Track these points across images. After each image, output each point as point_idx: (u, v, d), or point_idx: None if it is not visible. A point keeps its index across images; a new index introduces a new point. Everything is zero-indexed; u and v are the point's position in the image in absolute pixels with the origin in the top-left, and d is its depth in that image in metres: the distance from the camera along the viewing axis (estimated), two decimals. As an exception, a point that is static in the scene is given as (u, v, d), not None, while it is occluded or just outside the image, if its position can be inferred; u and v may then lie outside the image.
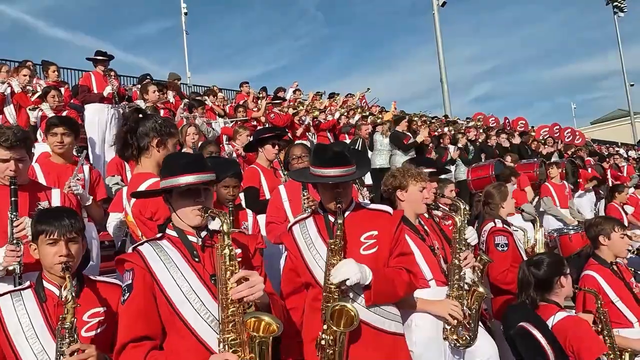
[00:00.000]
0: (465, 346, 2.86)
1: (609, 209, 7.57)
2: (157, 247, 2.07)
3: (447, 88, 20.03)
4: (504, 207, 4.12)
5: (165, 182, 2.10)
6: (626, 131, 35.36)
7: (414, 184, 3.06)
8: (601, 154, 15.09)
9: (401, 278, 2.43)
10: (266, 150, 4.62)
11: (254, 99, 11.03)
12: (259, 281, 1.92)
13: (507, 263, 3.74)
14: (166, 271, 1.99)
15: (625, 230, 3.69)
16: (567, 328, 2.77)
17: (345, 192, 2.48)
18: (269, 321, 1.85)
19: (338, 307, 2.22)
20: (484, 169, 8.37)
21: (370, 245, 2.45)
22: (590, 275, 3.49)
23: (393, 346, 2.42)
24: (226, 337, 1.85)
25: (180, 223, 2.11)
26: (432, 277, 2.93)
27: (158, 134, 2.68)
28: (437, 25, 19.86)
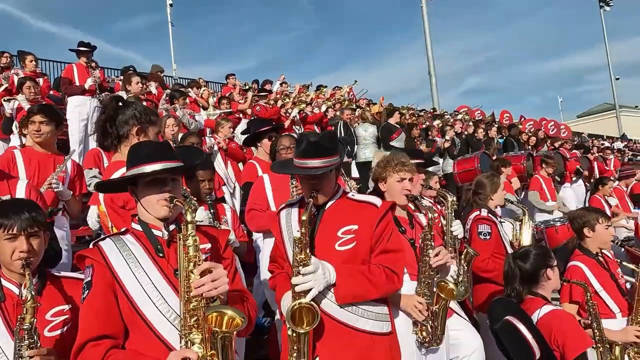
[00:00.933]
0: (427, 346, 2.71)
1: (592, 200, 7.58)
2: (119, 242, 1.95)
3: (436, 81, 20.06)
4: (494, 199, 4.06)
5: (130, 172, 1.98)
6: (612, 124, 35.77)
7: (391, 175, 2.98)
8: (587, 147, 15.18)
9: (376, 277, 2.26)
10: (264, 145, 4.54)
11: (240, 91, 10.89)
12: (222, 274, 1.81)
13: (488, 252, 3.69)
14: (127, 267, 1.87)
15: (610, 222, 3.66)
16: (551, 322, 2.72)
17: (320, 184, 2.34)
18: (232, 315, 1.75)
19: (297, 306, 2.11)
20: (469, 161, 8.35)
21: (347, 241, 2.30)
22: (576, 266, 3.45)
23: (369, 346, 2.27)
24: (187, 333, 1.75)
25: (146, 215, 1.98)
26: (406, 270, 2.84)
27: (138, 121, 2.59)
28: (425, 18, 19.84)
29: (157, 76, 9.08)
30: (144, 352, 1.80)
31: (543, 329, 2.73)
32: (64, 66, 12.46)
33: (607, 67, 35.03)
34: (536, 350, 2.57)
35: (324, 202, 2.39)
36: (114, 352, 1.78)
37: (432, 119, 12.93)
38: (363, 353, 2.26)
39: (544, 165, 8.02)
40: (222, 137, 6.67)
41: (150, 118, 2.63)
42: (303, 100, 10.69)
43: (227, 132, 6.80)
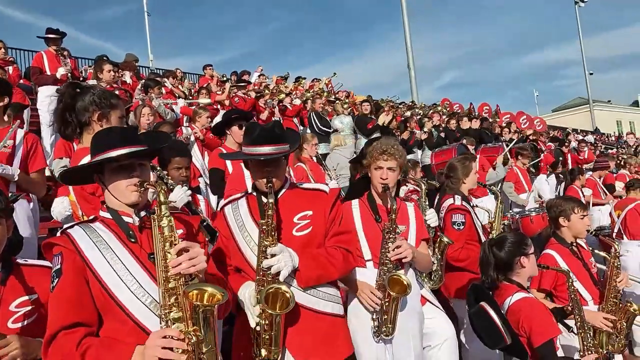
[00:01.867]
0: (380, 334, 2.67)
1: (569, 190, 7.75)
2: (88, 229, 1.90)
3: (414, 74, 20.09)
4: (466, 182, 4.05)
5: (95, 159, 1.92)
6: (585, 118, 36.58)
7: (371, 162, 2.96)
8: (561, 139, 15.50)
9: (334, 258, 2.34)
10: (233, 132, 4.48)
11: (218, 82, 10.75)
12: (200, 252, 1.79)
13: (461, 241, 3.70)
14: (98, 253, 1.83)
15: (586, 212, 3.71)
16: (521, 309, 2.76)
17: (276, 171, 2.36)
18: (212, 292, 1.73)
19: (272, 289, 2.11)
20: (446, 152, 8.41)
21: (304, 226, 2.36)
22: (549, 254, 3.50)
23: (331, 327, 2.35)
24: (167, 313, 1.73)
25: (114, 202, 1.93)
26: (371, 257, 2.83)
27: (98, 107, 2.49)
28: (404, 11, 19.83)
29: (131, 65, 8.86)
30: (120, 338, 1.77)
31: (513, 315, 2.77)
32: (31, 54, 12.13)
33: (581, 62, 35.76)
34: (507, 336, 2.60)
35: (276, 191, 2.39)
36: (89, 339, 1.73)
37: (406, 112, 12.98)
38: (326, 336, 2.32)
39: (519, 157, 8.16)
40: (200, 127, 6.56)
41: (110, 102, 2.53)
42: (282, 91, 10.61)
43: (205, 121, 6.68)
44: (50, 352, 1.71)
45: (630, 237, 5.96)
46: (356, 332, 2.70)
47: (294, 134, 2.60)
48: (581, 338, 2.95)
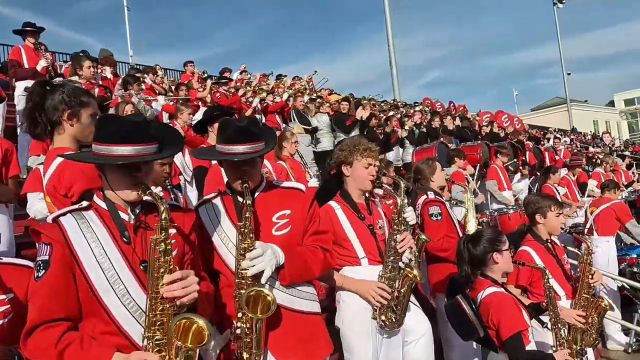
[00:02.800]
0: (390, 328, 2.83)
1: (544, 189, 7.90)
2: (81, 219, 1.81)
3: (397, 72, 20.19)
4: (434, 180, 4.15)
5: (98, 148, 1.82)
6: (563, 117, 37.27)
7: (358, 159, 3.00)
8: (538, 138, 15.78)
9: (315, 256, 2.34)
10: (215, 130, 4.44)
11: (199, 79, 10.66)
12: (193, 281, 1.76)
13: (442, 232, 3.78)
14: (89, 251, 1.77)
15: (561, 210, 3.80)
16: (491, 303, 2.83)
17: (251, 170, 2.31)
18: (202, 325, 1.68)
19: (254, 292, 2.07)
20: (427, 150, 8.54)
21: (283, 225, 2.33)
22: (525, 250, 3.58)
23: (312, 327, 2.35)
24: (152, 335, 1.70)
25: (112, 195, 1.86)
26: (365, 255, 2.90)
27: (68, 105, 2.39)
28: (386, 8, 19.91)
29: (111, 60, 8.72)
30: (100, 337, 1.74)
31: (483, 309, 2.85)
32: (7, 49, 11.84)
33: (559, 62, 36.40)
34: (479, 329, 2.68)
35: (252, 190, 2.35)
36: (69, 336, 1.70)
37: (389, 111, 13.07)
38: (307, 335, 2.31)
39: (499, 155, 8.30)
40: (181, 124, 6.50)
41: (81, 100, 2.42)
42: (264, 89, 10.57)
43: (187, 118, 6.62)
44: (29, 344, 1.68)
45: (600, 233, 6.14)
46: (351, 329, 2.78)
47: (270, 131, 2.57)
48: (555, 334, 3.03)
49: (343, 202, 3.01)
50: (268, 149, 2.37)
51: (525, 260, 3.33)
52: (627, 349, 5.63)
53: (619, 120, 52.91)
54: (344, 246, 2.91)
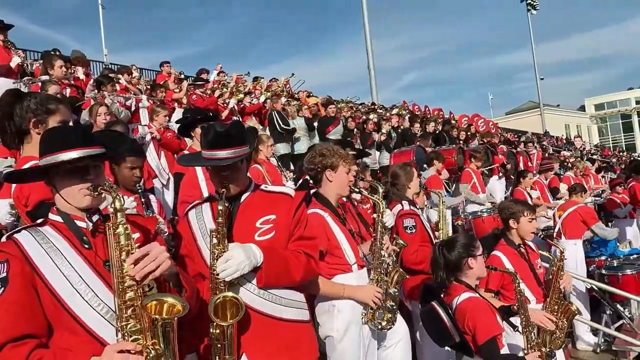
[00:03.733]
0: (389, 328, 2.90)
1: (515, 192, 8.06)
2: (37, 234, 1.80)
3: (375, 75, 20.36)
4: (411, 187, 4.19)
5: (45, 160, 1.82)
6: (537, 121, 38.13)
7: (343, 165, 3.01)
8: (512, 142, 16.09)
9: (297, 260, 2.30)
10: (197, 135, 4.41)
11: (176, 80, 10.52)
12: (161, 250, 1.74)
13: (416, 244, 3.82)
14: (49, 260, 1.74)
15: (534, 215, 3.86)
16: (466, 308, 2.87)
17: (233, 175, 2.29)
18: (172, 302, 1.67)
19: (220, 299, 2.07)
20: (405, 154, 8.60)
21: (267, 231, 2.31)
22: (496, 255, 3.63)
23: (294, 334, 2.31)
24: (124, 325, 1.67)
25: (66, 206, 1.83)
26: (355, 261, 2.93)
27: (34, 113, 2.39)
28: (364, 12, 20.05)
29: (84, 60, 8.52)
30: (71, 349, 1.69)
31: (459, 314, 2.87)
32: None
33: (533, 67, 37.26)
34: (455, 335, 2.70)
35: (238, 195, 2.35)
36: (39, 352, 1.64)
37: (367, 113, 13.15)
38: (289, 342, 2.28)
39: (473, 159, 8.43)
40: (157, 126, 6.39)
41: (47, 108, 2.43)
42: (241, 90, 10.50)
43: (162, 120, 6.51)
44: None
45: (568, 237, 6.29)
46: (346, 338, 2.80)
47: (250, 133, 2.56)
48: (525, 337, 3.09)
49: (327, 209, 2.99)
50: (247, 153, 2.37)
51: (496, 265, 3.38)
52: (596, 349, 5.79)
53: (590, 125, 54.48)
54: (336, 254, 2.90)
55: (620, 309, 5.89)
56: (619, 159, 27.09)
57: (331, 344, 2.86)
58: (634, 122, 53.63)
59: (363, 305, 2.86)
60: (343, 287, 2.84)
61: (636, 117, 53.63)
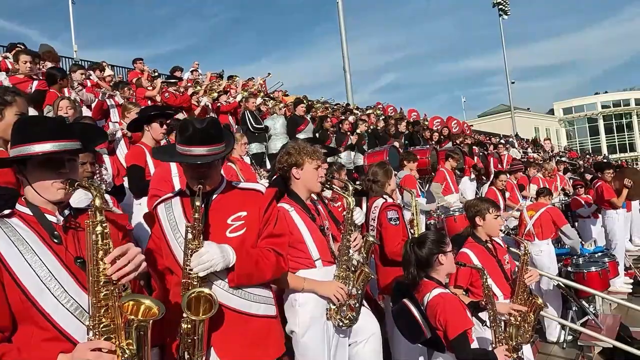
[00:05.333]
0: (349, 325, 2.90)
1: (489, 192, 8.23)
2: (5, 226, 1.74)
3: (350, 77, 20.48)
4: (390, 184, 4.25)
5: (17, 150, 1.76)
6: (507, 124, 38.99)
7: (309, 162, 3.01)
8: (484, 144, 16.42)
9: (268, 259, 2.32)
10: (153, 129, 4.31)
11: (149, 77, 10.35)
12: (137, 251, 1.72)
13: (399, 236, 3.86)
14: (19, 255, 1.69)
15: (499, 212, 3.95)
16: (437, 304, 2.91)
17: (209, 172, 2.29)
18: (149, 304, 1.65)
19: (194, 294, 2.07)
20: (378, 154, 8.68)
21: (238, 227, 2.32)
22: (464, 252, 3.69)
23: (262, 329, 2.33)
24: (97, 324, 1.64)
25: (36, 199, 1.79)
26: (319, 257, 2.93)
27: None
28: (340, 14, 20.15)
29: (53, 55, 8.30)
30: (39, 344, 1.66)
31: (431, 310, 2.92)
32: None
33: (504, 71, 38.08)
34: (427, 331, 2.74)
35: (210, 192, 2.34)
36: (5, 345, 1.62)
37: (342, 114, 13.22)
38: (258, 338, 2.30)
39: (450, 160, 8.55)
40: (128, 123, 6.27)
41: (4, 99, 2.40)
42: (215, 89, 10.40)
43: (134, 117, 6.39)
44: None
45: (541, 237, 6.46)
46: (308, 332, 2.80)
47: (229, 133, 2.55)
48: (493, 331, 3.16)
49: (295, 204, 3.01)
50: (228, 151, 2.37)
51: (464, 262, 3.45)
52: (562, 344, 5.95)
53: (558, 128, 56.08)
54: (299, 248, 2.90)
55: (585, 305, 6.08)
56: (585, 161, 27.93)
57: (295, 339, 2.86)
58: (599, 125, 55.50)
59: (327, 301, 2.87)
60: (304, 279, 2.85)
61: (602, 121, 55.52)
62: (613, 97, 56.18)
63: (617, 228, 8.33)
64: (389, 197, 4.15)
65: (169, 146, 2.76)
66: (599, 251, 7.20)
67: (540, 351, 5.82)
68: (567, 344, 5.93)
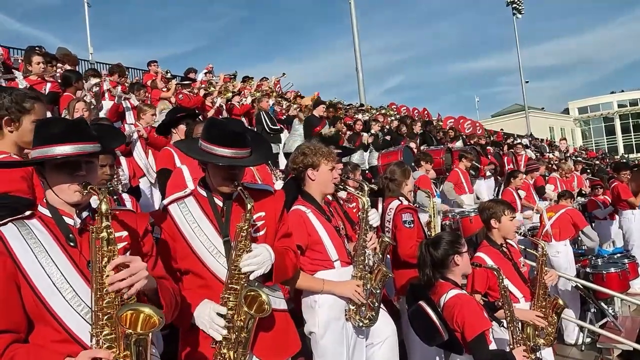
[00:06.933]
0: (369, 325, 2.90)
1: (505, 193, 8.13)
2: (23, 227, 1.76)
3: (362, 77, 20.41)
4: (407, 184, 4.23)
5: (37, 152, 1.78)
6: (521, 124, 38.58)
7: (325, 163, 3.01)
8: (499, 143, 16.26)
9: (289, 258, 2.41)
10: (180, 131, 4.39)
11: (163, 79, 10.44)
12: (141, 267, 1.70)
13: (414, 238, 3.84)
14: (33, 257, 1.71)
15: (514, 214, 3.89)
16: (454, 305, 2.89)
17: (240, 174, 2.33)
18: (149, 313, 1.62)
19: (253, 293, 2.13)
20: (392, 154, 8.64)
21: (259, 227, 2.36)
22: (479, 256, 3.64)
23: (283, 324, 2.39)
24: (99, 332, 1.64)
25: (56, 200, 1.80)
26: (338, 257, 2.93)
27: (8, 111, 2.38)
28: (353, 13, 20.11)
29: (72, 58, 8.39)
30: (51, 345, 1.67)
31: (448, 311, 2.89)
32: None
33: (518, 70, 37.71)
34: (444, 333, 2.71)
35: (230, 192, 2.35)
36: (15, 347, 1.63)
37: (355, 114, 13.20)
38: (280, 333, 2.35)
39: (463, 160, 8.48)
40: (144, 125, 6.32)
41: (22, 106, 2.41)
42: (229, 89, 10.46)
43: (150, 119, 6.43)
44: None
45: (559, 238, 6.37)
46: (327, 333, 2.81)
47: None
48: (510, 332, 3.12)
49: (310, 205, 3.00)
50: (267, 158, 2.43)
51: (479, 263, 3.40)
52: (581, 347, 5.86)
53: (573, 128, 55.29)
54: (317, 250, 2.91)
55: (604, 307, 5.98)
56: (602, 160, 27.53)
57: (314, 340, 2.87)
58: (616, 125, 54.59)
59: (346, 301, 2.87)
60: (323, 281, 2.85)
61: (618, 120, 54.61)
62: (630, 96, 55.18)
63: (635, 228, 8.17)
64: (405, 198, 4.13)
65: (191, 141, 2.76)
66: (618, 252, 7.09)
67: (558, 353, 5.73)
68: (585, 346, 5.84)
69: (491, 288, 3.57)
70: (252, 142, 2.35)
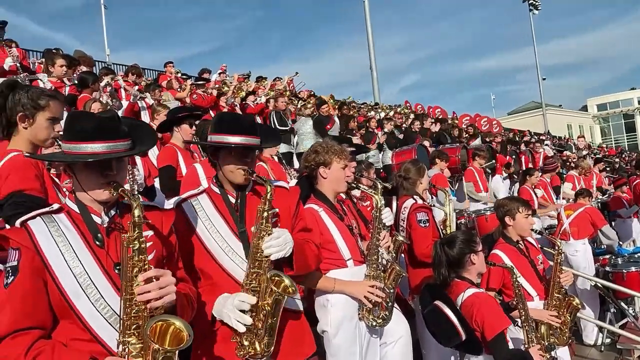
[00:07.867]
0: (382, 325, 2.87)
1: (521, 191, 8.02)
2: (51, 223, 1.74)
3: (377, 75, 20.35)
4: (422, 182, 4.19)
5: (67, 147, 1.76)
6: (539, 121, 38.05)
7: (337, 161, 3.00)
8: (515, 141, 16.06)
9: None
10: (183, 130, 4.40)
11: (178, 79, 10.55)
12: (170, 282, 1.69)
13: (429, 237, 3.82)
14: (60, 256, 1.70)
15: (530, 211, 3.84)
16: (473, 304, 2.85)
17: (253, 162, 2.34)
18: (179, 326, 1.61)
19: (277, 278, 2.12)
20: (407, 153, 8.57)
21: (273, 223, 2.30)
22: (496, 254, 3.60)
23: (299, 325, 2.36)
24: (127, 340, 1.63)
25: (84, 197, 1.78)
26: (350, 256, 2.92)
27: (23, 107, 2.39)
28: (367, 12, 20.06)
29: (88, 60, 8.52)
30: (74, 343, 1.68)
31: (466, 310, 2.85)
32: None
33: (535, 68, 37.20)
34: (462, 332, 2.67)
35: (243, 187, 2.35)
36: (40, 344, 1.63)
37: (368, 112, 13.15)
38: (297, 333, 2.33)
39: (477, 158, 8.40)
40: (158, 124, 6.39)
41: (38, 103, 2.41)
42: (243, 89, 10.51)
43: (164, 119, 6.52)
44: None
45: (577, 236, 6.26)
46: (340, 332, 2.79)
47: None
48: (525, 331, 3.07)
49: (322, 204, 2.99)
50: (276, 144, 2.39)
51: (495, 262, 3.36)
52: (600, 347, 5.75)
53: (592, 125, 54.31)
54: (330, 249, 2.89)
55: (624, 307, 5.85)
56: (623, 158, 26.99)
57: (327, 339, 2.85)
58: (636, 122, 53.44)
59: (358, 302, 2.85)
60: (334, 280, 2.83)
61: (639, 117, 53.46)
62: (650, 93, 54.04)
63: (656, 226, 8.03)
64: (419, 197, 4.09)
65: None
66: (639, 251, 6.94)
67: (577, 354, 5.63)
68: (605, 347, 5.73)
69: (505, 286, 3.53)
70: (261, 133, 2.36)
